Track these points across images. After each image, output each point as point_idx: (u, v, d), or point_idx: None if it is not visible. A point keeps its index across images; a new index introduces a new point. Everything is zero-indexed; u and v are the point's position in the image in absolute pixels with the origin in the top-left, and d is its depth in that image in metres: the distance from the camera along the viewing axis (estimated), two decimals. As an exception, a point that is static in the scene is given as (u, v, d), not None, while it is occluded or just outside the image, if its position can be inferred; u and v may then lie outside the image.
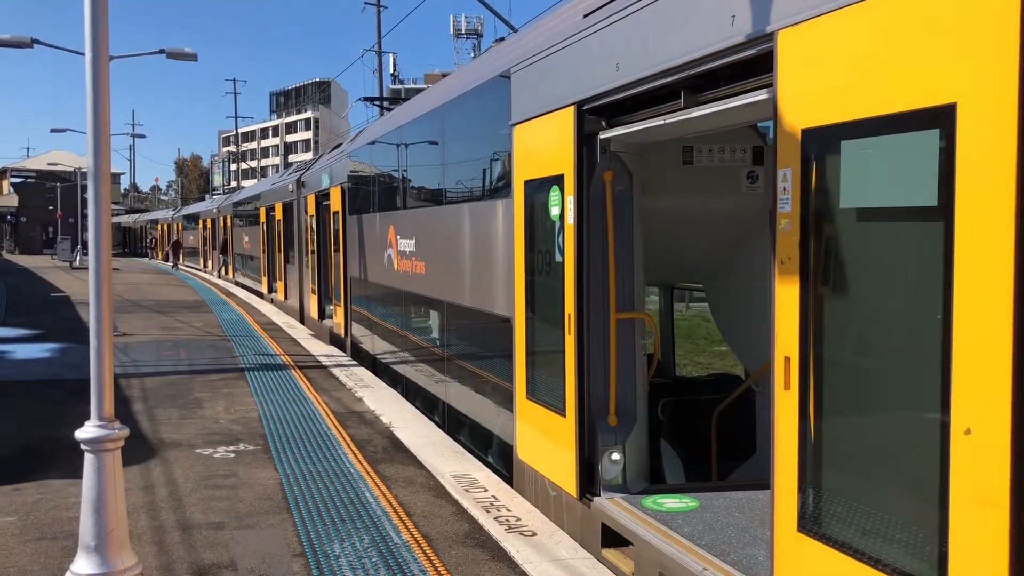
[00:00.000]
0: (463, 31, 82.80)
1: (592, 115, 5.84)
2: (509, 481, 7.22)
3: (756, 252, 6.86)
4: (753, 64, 4.31)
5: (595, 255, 5.87)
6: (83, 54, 14.43)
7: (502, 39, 10.04)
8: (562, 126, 6.05)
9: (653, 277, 7.86)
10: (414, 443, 8.26)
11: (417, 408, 10.02)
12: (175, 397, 10.17)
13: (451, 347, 9.13)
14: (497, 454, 7.88)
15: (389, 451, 7.99)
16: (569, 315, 5.96)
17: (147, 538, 5.63)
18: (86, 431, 4.36)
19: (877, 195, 3.40)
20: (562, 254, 6.10)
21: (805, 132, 3.75)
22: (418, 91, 76.36)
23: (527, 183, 6.72)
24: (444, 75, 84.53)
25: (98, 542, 4.23)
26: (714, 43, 4.42)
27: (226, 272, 34.24)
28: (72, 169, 54.33)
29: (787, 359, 3.93)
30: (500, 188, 7.52)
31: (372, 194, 12.89)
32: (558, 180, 6.13)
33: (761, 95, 4.23)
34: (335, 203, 15.41)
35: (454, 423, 9.04)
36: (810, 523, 3.79)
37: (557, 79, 6.21)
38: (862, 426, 3.55)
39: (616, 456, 5.90)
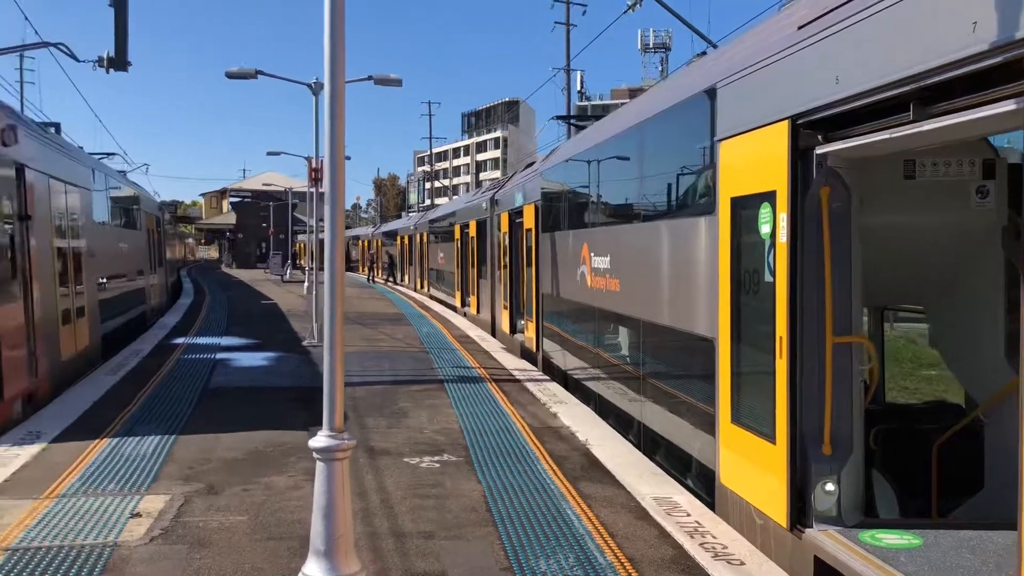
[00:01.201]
0: (651, 45, 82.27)
1: (807, 129, 5.59)
2: (710, 505, 7.01)
3: (986, 272, 6.33)
4: (996, 73, 3.98)
5: (809, 275, 5.61)
6: (302, 83, 15.28)
7: (703, 54, 9.85)
8: (774, 141, 5.83)
9: (864, 298, 7.43)
10: (611, 462, 8.19)
11: (610, 426, 9.94)
12: (381, 407, 10.61)
13: (647, 366, 9.01)
14: (697, 477, 7.68)
15: (587, 469, 7.95)
16: (780, 337, 5.71)
17: (363, 543, 5.87)
18: (318, 440, 4.59)
19: None
20: (773, 274, 5.86)
21: None
22: (605, 107, 76.50)
23: (734, 200, 6.52)
24: (631, 90, 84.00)
25: (327, 547, 4.44)
26: (952, 52, 4.11)
27: (390, 281, 35.49)
28: (283, 189, 58.25)
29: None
30: (702, 205, 7.35)
31: (566, 211, 12.98)
32: (769, 197, 5.91)
33: (1007, 106, 3.89)
34: (528, 220, 15.64)
35: (650, 443, 8.91)
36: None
37: (768, 93, 6.00)
38: None
39: (830, 487, 5.59)
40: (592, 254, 11.10)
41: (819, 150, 5.51)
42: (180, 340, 17.43)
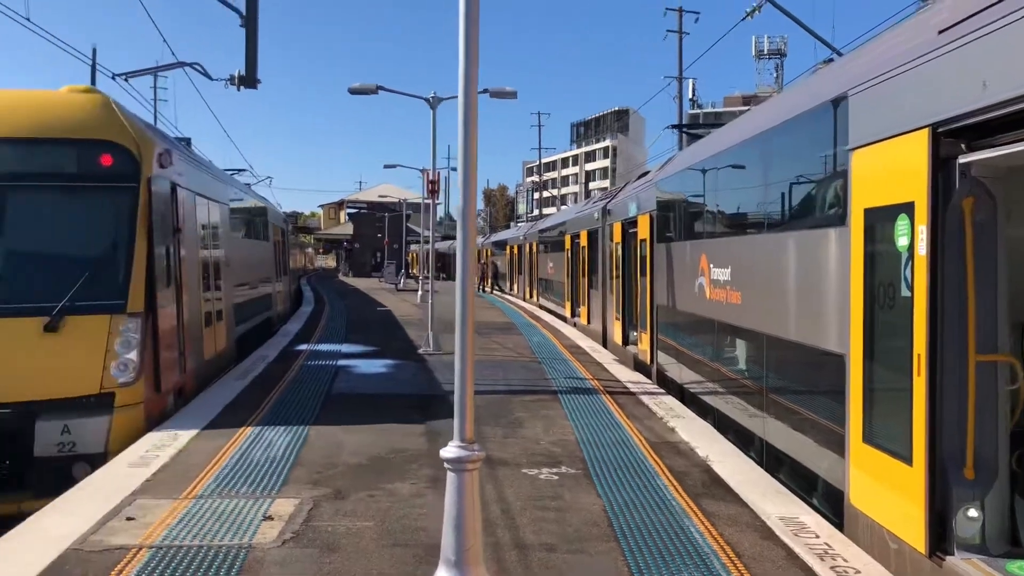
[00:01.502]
0: (766, 51, 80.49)
1: (949, 138, 5.34)
2: (838, 526, 6.75)
3: None
4: None
5: (950, 290, 5.34)
6: (420, 97, 15.55)
7: (829, 60, 9.54)
8: (912, 150, 5.59)
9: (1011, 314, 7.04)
10: (733, 479, 8.00)
11: (729, 441, 9.72)
12: (497, 416, 10.68)
13: (770, 381, 8.77)
14: (823, 497, 7.42)
15: (708, 485, 7.79)
16: (919, 355, 5.46)
17: (487, 554, 5.89)
18: (449, 451, 4.64)
19: None
20: (911, 288, 5.62)
21: None
22: (717, 115, 75.25)
23: (868, 211, 6.28)
24: (744, 97, 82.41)
25: (457, 557, 4.49)
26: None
27: (495, 290, 35.66)
28: (398, 200, 59.64)
29: None
30: (832, 216, 7.12)
31: (683, 222, 12.79)
32: (906, 208, 5.67)
33: None
34: (642, 231, 15.50)
35: (772, 461, 8.66)
36: None
37: (906, 100, 5.75)
38: None
39: (973, 512, 5.30)
40: (711, 265, 10.90)
41: (962, 159, 5.25)
42: (303, 347, 18.01)
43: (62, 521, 6.59)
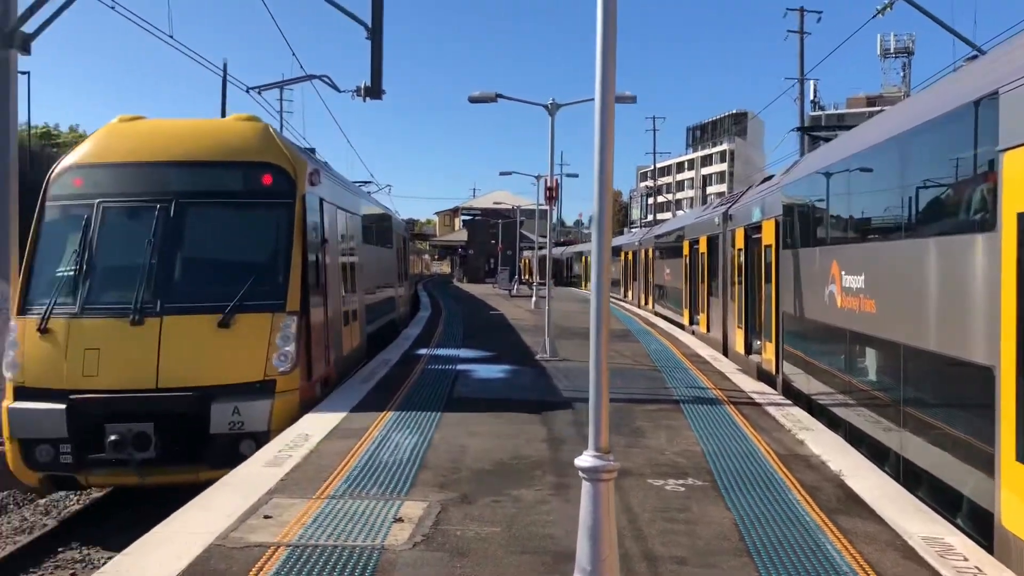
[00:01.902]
0: (892, 50, 77.29)
1: None
2: (986, 548, 6.38)
3: None
4: None
5: None
6: (538, 104, 15.61)
7: (972, 58, 9.08)
8: (1076, 152, 5.24)
9: None
10: (869, 495, 7.67)
11: (864, 455, 9.33)
12: (619, 425, 10.58)
13: (907, 393, 8.38)
14: (967, 517, 7.03)
15: (843, 501, 7.50)
16: (1083, 369, 5.11)
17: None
18: (585, 460, 4.62)
19: None
20: (1073, 298, 5.26)
21: None
22: (840, 117, 72.68)
23: (1021, 215, 5.93)
24: (869, 98, 79.36)
25: (593, 567, 4.45)
26: None
27: (645, 303, 35.34)
28: (511, 207, 60.09)
29: None
30: (979, 220, 6.75)
31: (811, 227, 12.39)
32: (1068, 214, 5.31)
33: None
34: (767, 236, 15.09)
35: (911, 477, 8.26)
36: None
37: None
38: None
39: None
40: (843, 272, 10.52)
41: None
42: (422, 351, 18.33)
43: (204, 517, 6.89)
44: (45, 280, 10.74)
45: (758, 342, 16.34)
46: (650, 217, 76.30)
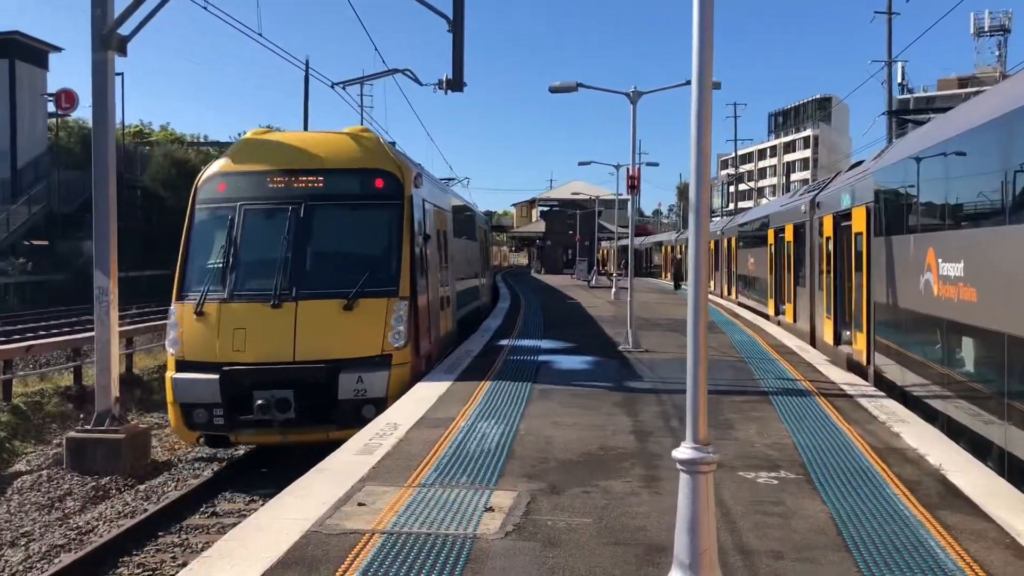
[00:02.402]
0: (987, 28, 74.14)
1: None
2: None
3: None
4: None
5: None
6: (620, 92, 15.45)
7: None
8: None
9: None
10: (972, 490, 7.41)
11: (964, 449, 9.01)
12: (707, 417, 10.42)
13: (1012, 385, 8.04)
14: (1082, 515, 6.73)
15: (945, 497, 7.26)
16: None
17: (710, 557, 5.77)
18: (683, 452, 4.58)
19: None
20: None
21: None
22: (929, 100, 70.14)
23: None
24: (960, 79, 76.35)
25: (692, 561, 4.41)
26: None
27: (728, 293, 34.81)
28: (589, 197, 59.84)
29: None
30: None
31: (905, 214, 12.00)
32: None
33: None
34: (857, 224, 14.68)
35: (1016, 473, 7.94)
36: None
37: None
38: None
39: None
40: (940, 260, 10.16)
41: None
42: (504, 342, 18.42)
43: (300, 504, 7.06)
44: (197, 271, 12.72)
45: (848, 332, 15.92)
46: (731, 206, 75.04)
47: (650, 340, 18.58)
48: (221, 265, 12.65)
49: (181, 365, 12.24)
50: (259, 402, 11.64)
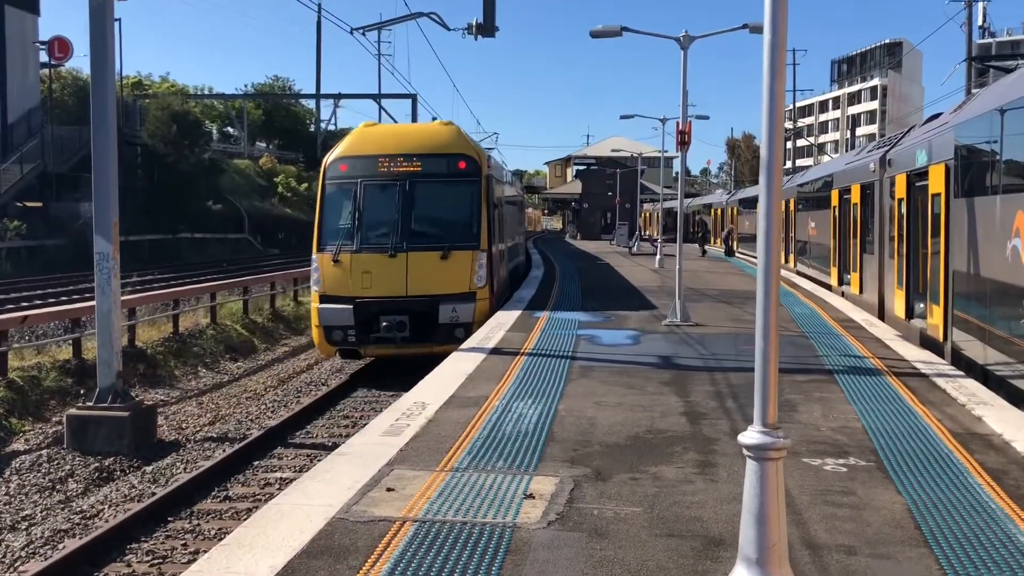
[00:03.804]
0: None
1: None
2: None
3: None
4: None
5: None
6: (670, 37, 15.27)
7: None
8: None
9: None
10: (1065, 480, 7.32)
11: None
12: (765, 397, 10.38)
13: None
14: None
15: (1034, 487, 7.18)
16: None
17: (774, 551, 5.75)
18: (750, 436, 4.55)
19: None
20: None
21: None
22: (1014, 44, 68.50)
23: None
24: (1051, 21, 74.22)
25: (759, 556, 4.40)
26: None
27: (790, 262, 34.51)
28: (631, 155, 59.40)
29: None
30: None
31: (990, 173, 11.79)
32: None
33: None
34: (935, 184, 14.45)
35: (1115, 460, 7.85)
36: None
37: None
38: None
39: None
40: (1030, 225, 9.97)
41: None
42: (539, 314, 18.44)
43: (324, 489, 7.13)
44: (330, 231, 18.18)
45: (922, 305, 15.74)
46: (789, 164, 74.18)
47: (700, 313, 18.50)
48: (349, 226, 18.07)
49: (323, 299, 17.73)
50: (384, 324, 17.17)
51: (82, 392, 16.23)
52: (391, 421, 9.36)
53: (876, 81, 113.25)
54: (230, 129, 79.81)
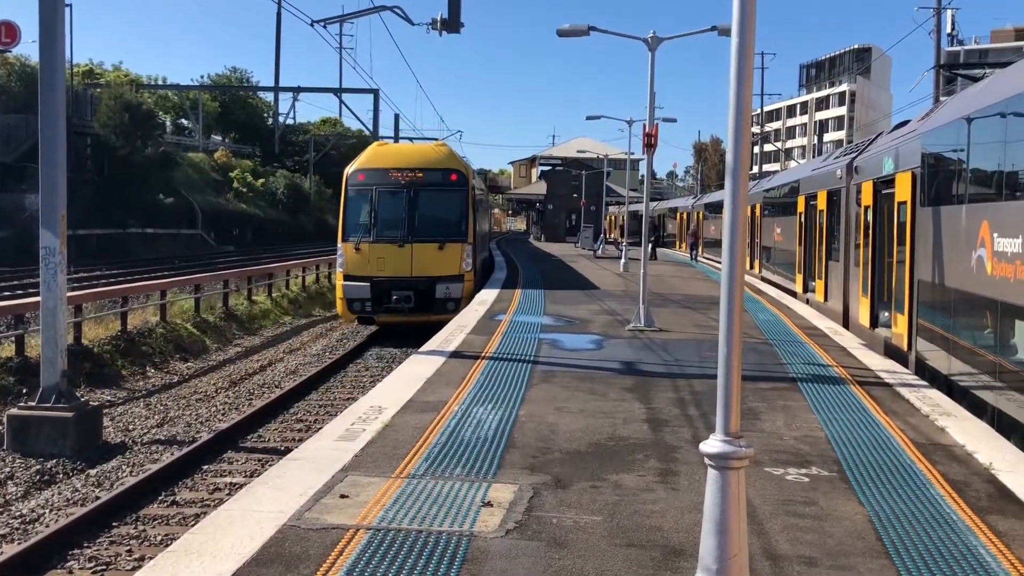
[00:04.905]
0: (1048, -27, 73.56)
1: None
2: None
3: None
4: None
5: None
6: (637, 38, 15.30)
7: None
8: None
9: None
10: (1026, 492, 7.45)
11: (1016, 447, 9.07)
12: (728, 405, 10.47)
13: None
14: None
15: (995, 499, 7.31)
16: None
17: (735, 562, 5.79)
18: (712, 445, 4.57)
19: None
20: None
21: None
22: (982, 53, 69.80)
23: None
24: (1017, 31, 76.01)
25: (720, 566, 4.43)
26: None
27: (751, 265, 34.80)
28: (597, 156, 59.59)
29: None
30: None
31: (956, 182, 11.98)
32: None
33: None
34: (901, 192, 14.65)
35: (1075, 473, 8.02)
36: None
37: None
38: None
39: None
40: (995, 235, 10.16)
41: None
42: (500, 317, 18.43)
43: (275, 495, 7.07)
44: (351, 226, 23.86)
45: (887, 314, 15.96)
46: (755, 169, 74.88)
47: (664, 318, 18.61)
48: (366, 222, 23.86)
49: (347, 277, 23.45)
50: (395, 297, 22.94)
51: (25, 391, 15.95)
52: (346, 426, 9.30)
53: (844, 86, 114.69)
54: (185, 121, 78.95)
